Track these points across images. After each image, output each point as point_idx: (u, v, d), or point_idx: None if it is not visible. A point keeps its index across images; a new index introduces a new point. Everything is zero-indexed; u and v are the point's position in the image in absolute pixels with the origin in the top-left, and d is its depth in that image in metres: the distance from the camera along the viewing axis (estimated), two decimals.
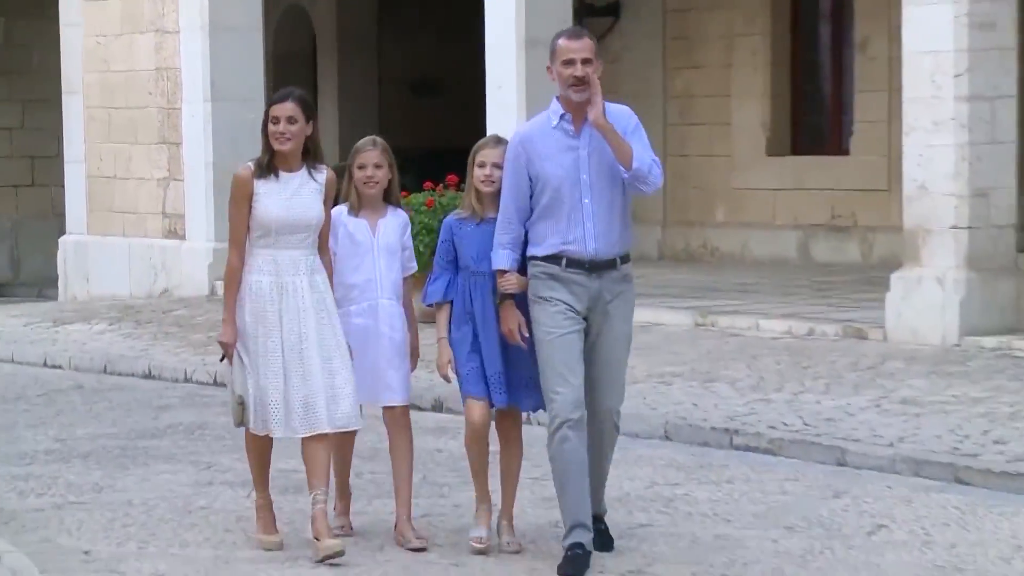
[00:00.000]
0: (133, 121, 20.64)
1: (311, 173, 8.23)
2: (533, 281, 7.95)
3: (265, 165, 8.21)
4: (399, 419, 8.49)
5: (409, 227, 8.55)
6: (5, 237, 25.46)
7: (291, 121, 8.14)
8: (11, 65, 25.76)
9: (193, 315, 17.89)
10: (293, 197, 8.15)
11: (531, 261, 7.97)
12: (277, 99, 8.25)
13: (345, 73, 25.50)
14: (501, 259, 7.97)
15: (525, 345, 7.98)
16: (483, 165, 8.12)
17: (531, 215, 7.96)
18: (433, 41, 25.88)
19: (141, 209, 20.62)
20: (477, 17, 17.26)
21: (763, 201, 21.00)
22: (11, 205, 26.21)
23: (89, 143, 21.25)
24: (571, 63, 7.86)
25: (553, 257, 7.90)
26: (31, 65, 25.59)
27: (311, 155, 8.25)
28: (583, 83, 7.83)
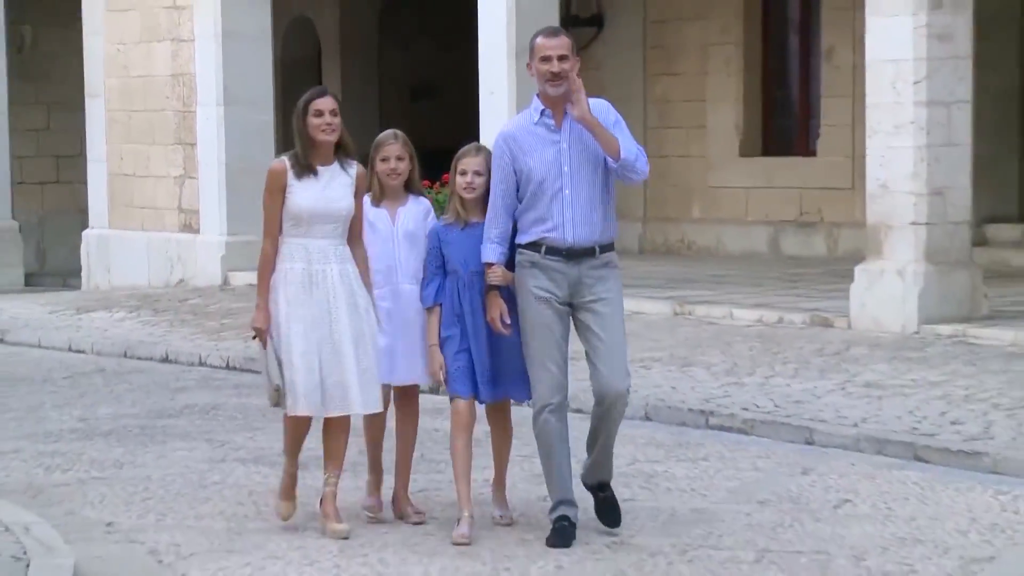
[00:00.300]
0: (151, 123, 20.62)
1: (343, 166, 8.08)
2: (518, 269, 7.88)
3: (305, 162, 8.03)
4: (411, 399, 8.42)
5: (432, 212, 8.35)
6: (32, 231, 25.41)
7: (333, 113, 7.98)
8: (38, 71, 25.73)
9: (207, 304, 17.87)
10: (325, 189, 7.99)
11: (517, 250, 7.90)
12: (316, 95, 8.05)
13: (348, 78, 25.45)
14: (488, 253, 7.89)
15: (508, 332, 7.90)
16: (464, 173, 8.01)
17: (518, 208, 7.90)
18: (430, 49, 25.86)
19: (158, 205, 20.60)
20: (471, 27, 17.25)
21: (736, 199, 21.00)
22: (38, 201, 26.19)
23: (110, 143, 21.22)
24: (548, 60, 7.81)
25: (534, 244, 7.82)
26: (56, 71, 25.55)
27: (342, 149, 8.10)
28: (559, 78, 7.76)
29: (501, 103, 16.63)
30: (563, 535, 7.82)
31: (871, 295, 13.98)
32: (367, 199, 8.22)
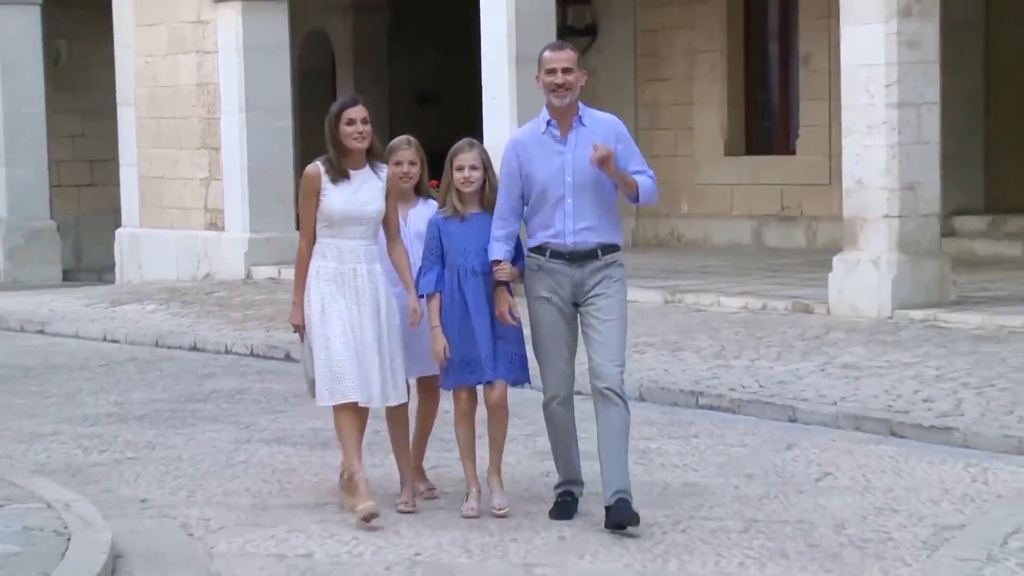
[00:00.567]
0: (178, 129, 20.61)
1: (374, 170, 7.93)
2: (526, 272, 7.78)
3: (339, 167, 7.87)
4: (432, 390, 8.25)
5: None
6: (69, 230, 25.40)
7: (364, 122, 7.86)
8: (73, 82, 25.71)
9: (231, 296, 17.87)
10: (356, 192, 7.84)
11: (527, 253, 7.80)
12: (348, 104, 7.92)
13: (360, 86, 25.40)
14: (495, 251, 7.79)
15: (516, 324, 7.83)
16: (461, 168, 7.89)
17: (523, 212, 7.82)
18: (436, 58, 25.82)
19: (186, 205, 20.59)
20: (474, 37, 17.23)
21: (722, 195, 20.98)
22: (74, 203, 26.18)
23: (141, 148, 21.21)
24: (553, 72, 7.70)
25: (539, 249, 7.71)
26: (90, 82, 25.53)
27: (373, 154, 7.96)
28: (563, 89, 7.67)
29: (502, 108, 16.64)
30: (565, 508, 7.83)
31: (848, 283, 13.97)
32: None
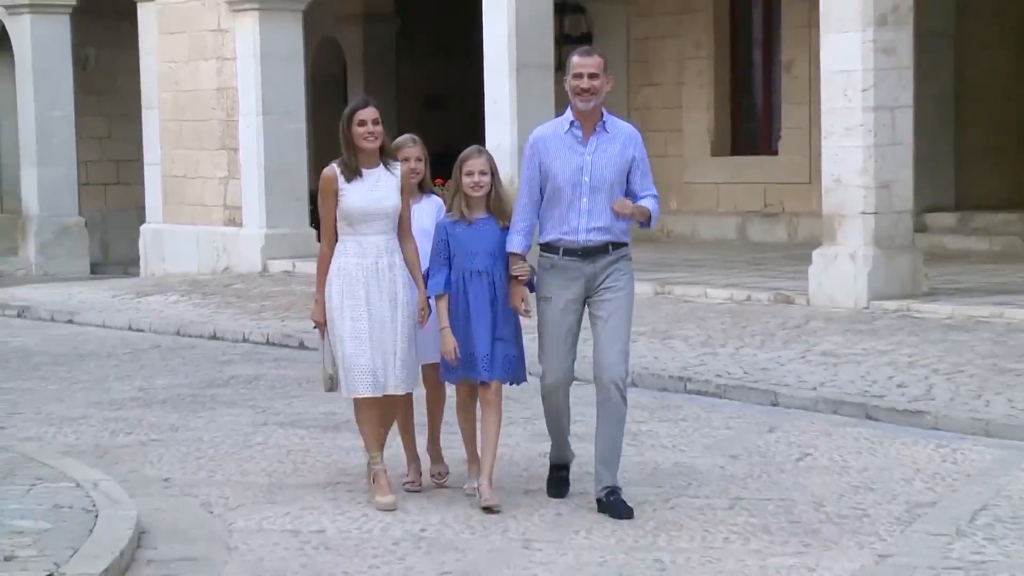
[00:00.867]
0: (199, 131, 20.60)
1: (388, 168, 7.75)
2: (539, 270, 7.60)
3: (352, 166, 7.68)
4: (438, 376, 8.05)
5: (443, 208, 8.02)
6: (96, 226, 25.39)
7: (375, 123, 7.66)
8: (100, 87, 25.70)
9: (249, 288, 17.86)
10: (372, 190, 7.66)
11: (540, 250, 7.61)
12: (360, 105, 7.73)
13: (369, 91, 25.34)
14: (514, 243, 7.63)
15: (529, 317, 7.69)
16: (471, 173, 7.64)
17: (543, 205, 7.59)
18: (441, 64, 25.81)
19: (206, 202, 20.58)
20: (477, 45, 17.21)
21: (708, 193, 20.99)
22: (101, 200, 26.16)
23: (164, 149, 21.20)
24: (579, 76, 7.45)
25: (552, 246, 7.53)
26: (116, 86, 25.52)
27: (385, 152, 7.78)
28: (588, 93, 7.47)
29: (503, 112, 16.62)
30: (558, 485, 7.83)
31: (827, 276, 13.96)
32: None
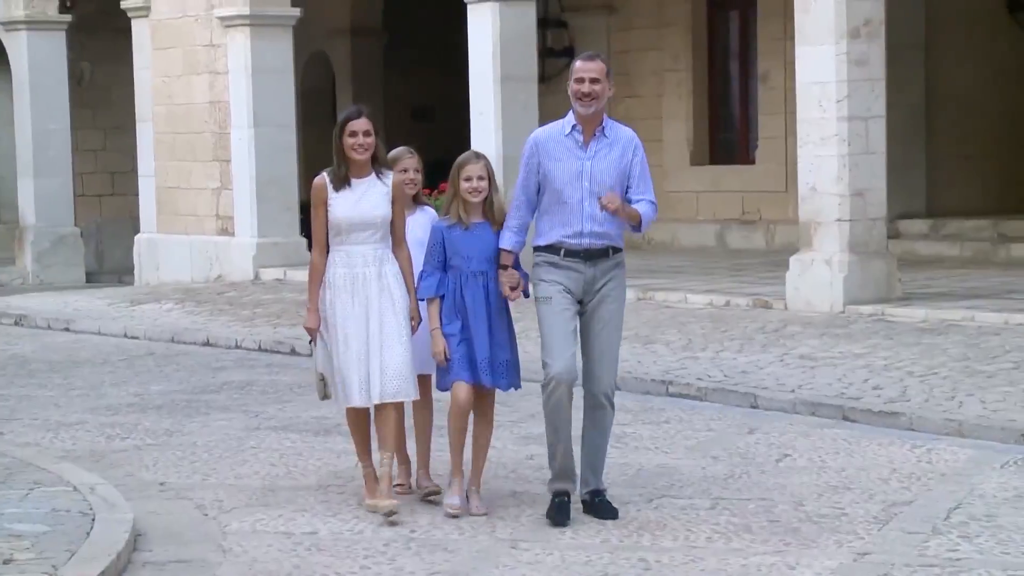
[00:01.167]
0: (192, 143, 20.55)
1: (379, 178, 7.58)
2: (536, 268, 7.39)
3: (341, 175, 7.55)
4: (426, 388, 7.83)
5: (436, 220, 7.87)
6: (91, 236, 25.32)
7: (367, 134, 7.50)
8: (96, 100, 25.64)
9: (241, 296, 17.82)
10: (360, 200, 7.50)
11: (535, 251, 7.41)
12: (352, 116, 7.57)
13: (358, 102, 24.85)
14: (506, 241, 7.47)
15: (516, 297, 7.47)
16: (469, 179, 7.47)
17: (537, 206, 7.41)
18: (428, 77, 25.77)
19: (199, 212, 20.53)
20: (463, 58, 17.20)
21: (688, 201, 20.98)
22: (96, 210, 26.09)
23: (158, 161, 21.14)
24: (581, 81, 7.31)
25: (553, 247, 7.34)
26: (111, 100, 25.46)
27: (378, 162, 7.61)
28: (589, 98, 7.32)
29: (488, 123, 16.63)
30: (561, 510, 7.31)
31: (803, 281, 13.96)
32: None
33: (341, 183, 7.53)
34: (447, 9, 20.14)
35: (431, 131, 24.25)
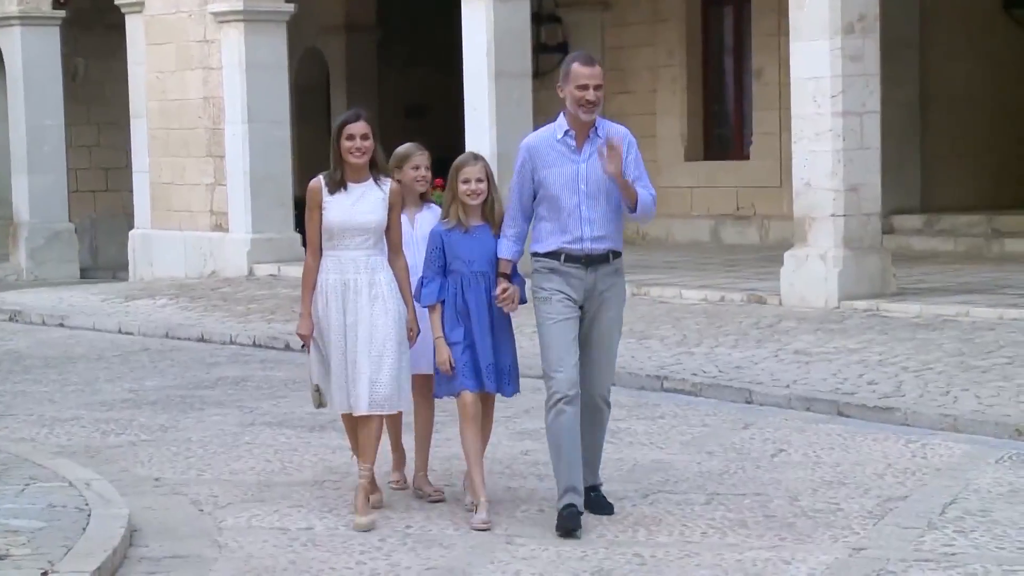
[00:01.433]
0: (186, 139, 20.53)
1: (377, 183, 7.38)
2: (535, 275, 7.23)
3: (337, 179, 7.36)
4: (428, 388, 7.69)
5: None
6: (86, 232, 25.30)
7: (364, 137, 7.31)
8: (90, 96, 25.60)
9: (235, 292, 17.81)
10: (355, 204, 7.31)
11: (534, 257, 7.24)
12: (350, 119, 7.37)
13: (352, 99, 25.30)
14: (505, 250, 7.34)
15: (514, 308, 7.34)
16: (468, 181, 7.30)
17: (533, 214, 7.25)
18: (422, 74, 25.78)
19: (193, 208, 20.52)
20: (457, 54, 17.19)
21: (682, 196, 20.98)
22: (90, 206, 26.06)
23: (152, 157, 21.12)
24: (585, 88, 7.12)
25: (553, 253, 7.18)
26: (105, 96, 25.43)
27: (376, 167, 7.41)
28: (592, 105, 7.18)
29: (483, 119, 16.62)
30: (572, 521, 7.07)
31: (798, 276, 13.96)
32: None
33: (336, 187, 7.37)
34: (441, 5, 20.16)
35: (425, 128, 24.25)
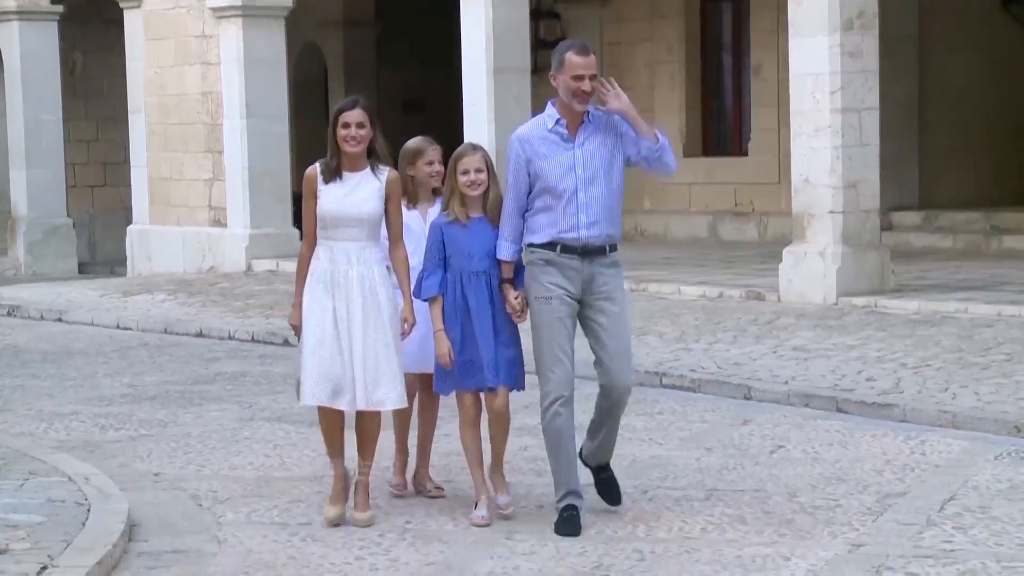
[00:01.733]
0: (184, 134, 20.52)
1: (374, 172, 7.21)
2: (531, 268, 7.08)
3: (332, 167, 7.19)
4: (431, 386, 7.60)
5: None
6: (84, 227, 25.31)
7: (360, 126, 7.13)
8: (88, 91, 25.61)
9: (234, 287, 17.81)
10: (349, 194, 7.13)
11: (529, 248, 7.09)
12: (346, 106, 7.21)
13: (350, 94, 25.30)
14: (503, 250, 7.19)
15: (521, 319, 7.21)
16: (467, 172, 7.15)
17: (529, 206, 7.08)
18: (420, 69, 25.78)
19: (191, 203, 20.51)
20: (455, 50, 17.19)
21: (681, 193, 20.97)
22: (89, 201, 26.07)
23: (150, 152, 21.12)
24: (580, 78, 6.99)
25: (549, 244, 7.01)
26: (103, 91, 25.44)
27: (375, 156, 7.25)
28: (588, 95, 7.07)
29: (481, 114, 16.64)
30: (571, 523, 7.01)
31: (797, 273, 13.97)
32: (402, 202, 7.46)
33: (332, 175, 7.21)
34: (439, 1, 20.15)
35: (423, 123, 24.23)
